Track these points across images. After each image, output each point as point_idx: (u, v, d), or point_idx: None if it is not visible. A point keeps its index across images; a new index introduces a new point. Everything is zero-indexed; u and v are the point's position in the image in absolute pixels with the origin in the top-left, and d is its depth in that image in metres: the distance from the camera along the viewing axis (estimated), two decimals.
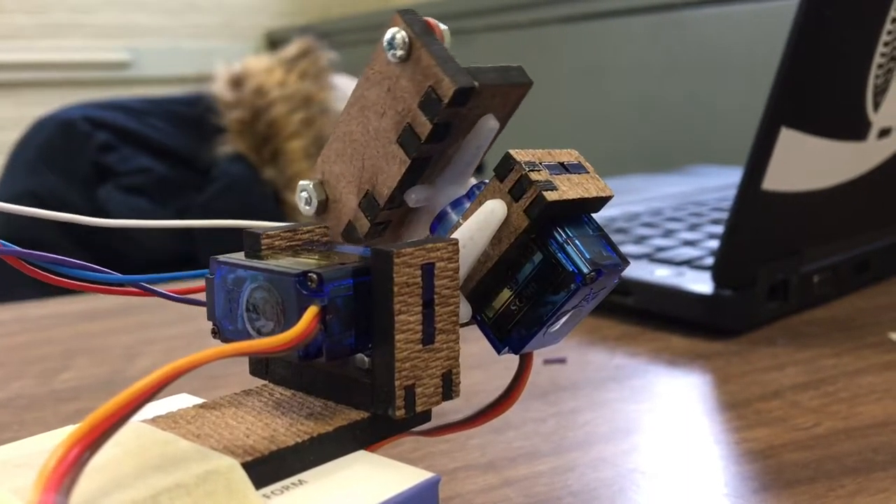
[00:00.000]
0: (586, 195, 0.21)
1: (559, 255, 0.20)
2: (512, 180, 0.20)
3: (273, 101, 1.06)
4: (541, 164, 0.20)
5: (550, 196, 0.20)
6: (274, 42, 2.24)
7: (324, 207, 0.23)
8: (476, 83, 0.20)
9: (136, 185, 1.00)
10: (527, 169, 0.20)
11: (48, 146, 1.03)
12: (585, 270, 0.20)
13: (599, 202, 0.21)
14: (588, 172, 0.21)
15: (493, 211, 0.20)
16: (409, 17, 0.21)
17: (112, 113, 1.06)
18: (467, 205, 0.21)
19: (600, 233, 0.21)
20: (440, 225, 0.22)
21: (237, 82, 1.08)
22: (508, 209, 0.20)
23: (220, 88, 1.09)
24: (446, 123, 0.21)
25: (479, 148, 0.22)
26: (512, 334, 0.21)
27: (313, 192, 0.23)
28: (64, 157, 1.02)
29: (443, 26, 0.21)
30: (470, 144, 0.22)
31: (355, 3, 2.45)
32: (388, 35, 0.21)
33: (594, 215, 0.21)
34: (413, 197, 0.22)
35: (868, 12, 0.39)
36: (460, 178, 0.22)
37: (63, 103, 1.13)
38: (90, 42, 2.17)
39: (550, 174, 0.20)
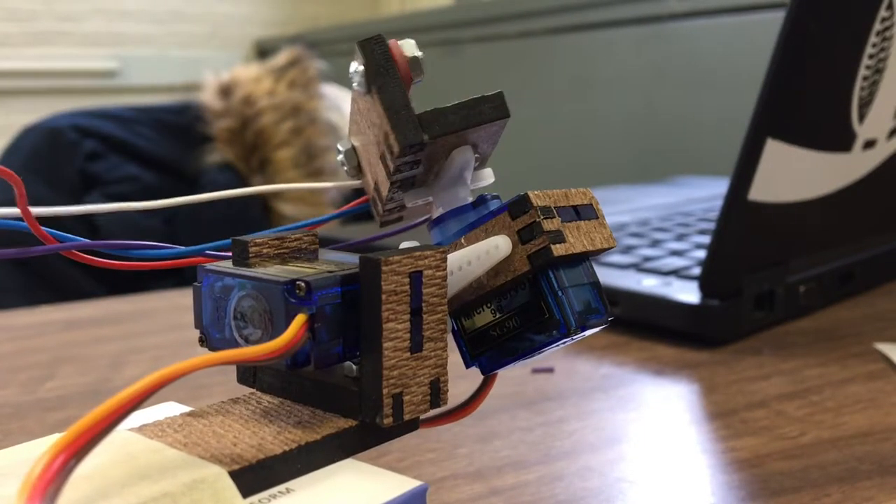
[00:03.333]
0: (591, 248, 0.20)
1: (549, 299, 0.20)
2: (524, 222, 0.20)
3: (261, 110, 1.06)
4: (555, 209, 0.20)
5: (557, 250, 0.19)
6: (263, 51, 2.24)
7: (357, 171, 0.22)
8: (426, 136, 0.19)
9: (123, 194, 1.00)
10: (541, 216, 0.20)
11: (35, 154, 1.03)
12: (573, 324, 0.20)
13: (602, 251, 0.21)
14: (598, 219, 0.21)
15: (497, 247, 0.20)
16: (369, 50, 0.19)
17: (100, 121, 1.06)
18: (472, 218, 0.21)
19: (593, 281, 0.21)
20: (437, 228, 0.22)
21: (226, 91, 1.08)
22: (513, 248, 0.20)
23: (208, 97, 1.09)
24: (413, 161, 0.20)
25: (461, 170, 0.21)
26: (485, 356, 0.21)
27: (346, 157, 0.22)
28: (51, 166, 1.02)
29: (416, 52, 0.20)
30: (451, 170, 0.21)
31: (344, 12, 2.46)
32: (351, 67, 0.20)
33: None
34: (409, 201, 0.22)
35: (853, 25, 0.40)
36: (456, 183, 0.22)
37: (51, 111, 1.13)
38: (77, 50, 2.16)
39: (562, 222, 0.20)
